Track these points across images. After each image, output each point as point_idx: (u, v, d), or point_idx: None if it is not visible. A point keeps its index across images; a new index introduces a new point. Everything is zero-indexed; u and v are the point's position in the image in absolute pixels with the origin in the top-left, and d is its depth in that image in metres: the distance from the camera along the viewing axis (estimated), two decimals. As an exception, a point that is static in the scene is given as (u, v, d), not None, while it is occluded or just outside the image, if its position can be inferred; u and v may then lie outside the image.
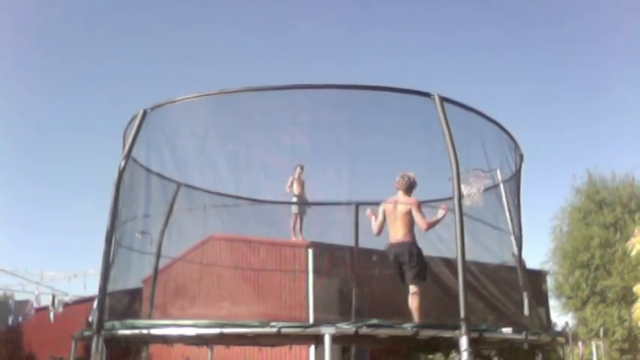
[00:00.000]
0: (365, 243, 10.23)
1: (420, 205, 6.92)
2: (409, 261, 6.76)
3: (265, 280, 14.05)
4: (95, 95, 54.73)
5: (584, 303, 20.62)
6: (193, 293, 11.12)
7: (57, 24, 51.49)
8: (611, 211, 21.01)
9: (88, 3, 51.00)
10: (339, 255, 11.47)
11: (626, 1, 41.33)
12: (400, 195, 7.01)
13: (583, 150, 47.31)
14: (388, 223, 7.09)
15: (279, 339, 7.20)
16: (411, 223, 6.86)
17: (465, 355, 5.57)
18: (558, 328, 19.36)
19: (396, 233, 6.92)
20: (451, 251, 6.31)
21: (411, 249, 6.81)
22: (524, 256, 8.38)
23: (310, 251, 14.82)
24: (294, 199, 11.33)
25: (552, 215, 22.80)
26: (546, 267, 21.84)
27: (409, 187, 6.98)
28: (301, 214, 11.59)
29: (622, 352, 19.46)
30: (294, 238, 12.06)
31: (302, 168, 10.64)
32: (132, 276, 8.15)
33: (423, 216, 6.83)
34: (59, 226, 56.74)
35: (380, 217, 7.18)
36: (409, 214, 6.82)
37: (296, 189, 11.33)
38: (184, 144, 7.53)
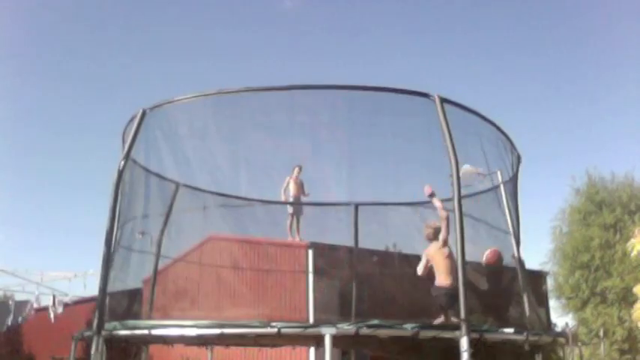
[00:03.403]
0: (365, 244, 10.24)
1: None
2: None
3: (265, 281, 14.03)
4: (95, 95, 54.76)
5: (584, 304, 20.57)
6: (193, 294, 11.12)
7: (57, 24, 51.54)
8: (611, 212, 20.96)
9: (88, 3, 51.05)
10: (339, 255, 11.46)
11: (624, 1, 41.37)
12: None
13: (582, 151, 47.29)
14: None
15: (279, 339, 7.19)
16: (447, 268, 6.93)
17: (465, 356, 5.56)
18: (558, 329, 19.36)
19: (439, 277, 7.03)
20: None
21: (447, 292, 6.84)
22: (524, 257, 8.38)
23: (310, 252, 14.79)
24: (291, 200, 11.30)
25: (552, 216, 22.71)
26: (546, 268, 21.79)
27: (435, 234, 7.12)
28: (297, 214, 11.56)
29: (622, 352, 19.45)
30: (290, 238, 12.04)
31: (300, 168, 10.64)
32: (132, 276, 8.14)
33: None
34: (59, 226, 56.68)
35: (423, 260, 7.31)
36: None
37: (293, 189, 11.29)
38: (184, 144, 7.52)
